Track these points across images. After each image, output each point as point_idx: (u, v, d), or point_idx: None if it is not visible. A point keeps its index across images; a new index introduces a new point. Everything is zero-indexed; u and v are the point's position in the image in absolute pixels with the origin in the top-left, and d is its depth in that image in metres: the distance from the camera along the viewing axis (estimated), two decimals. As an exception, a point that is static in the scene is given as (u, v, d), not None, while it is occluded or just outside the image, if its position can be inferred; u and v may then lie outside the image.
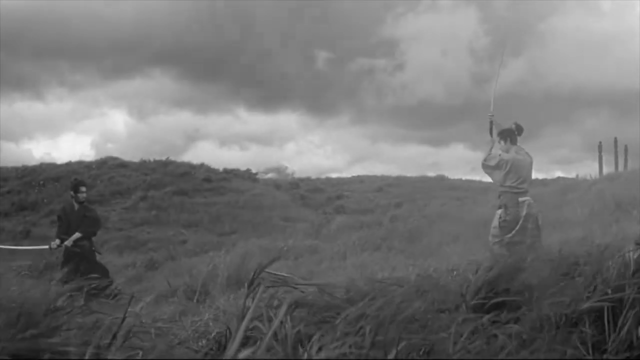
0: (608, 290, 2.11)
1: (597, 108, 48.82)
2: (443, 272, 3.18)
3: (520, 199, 5.89)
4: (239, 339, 1.45)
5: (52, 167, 22.20)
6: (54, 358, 1.58)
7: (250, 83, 52.01)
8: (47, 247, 7.48)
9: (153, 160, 23.00)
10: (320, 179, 27.18)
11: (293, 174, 28.42)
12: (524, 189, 5.98)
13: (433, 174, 26.99)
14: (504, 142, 6.17)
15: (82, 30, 45.09)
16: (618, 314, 2.02)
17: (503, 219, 5.85)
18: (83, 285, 2.46)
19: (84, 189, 7.49)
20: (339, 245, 11.29)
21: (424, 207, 17.46)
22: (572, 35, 45.63)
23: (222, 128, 50.12)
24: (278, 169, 30.64)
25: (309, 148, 49.81)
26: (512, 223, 5.81)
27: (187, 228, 17.26)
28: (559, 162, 50.72)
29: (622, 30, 45.89)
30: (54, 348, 1.60)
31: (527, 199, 5.91)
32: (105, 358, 1.59)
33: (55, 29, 47.02)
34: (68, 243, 7.08)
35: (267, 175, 26.52)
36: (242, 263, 7.05)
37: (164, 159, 23.07)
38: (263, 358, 1.51)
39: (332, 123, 53.35)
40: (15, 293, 2.00)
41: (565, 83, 47.26)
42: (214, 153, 45.01)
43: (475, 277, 2.34)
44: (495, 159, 6.04)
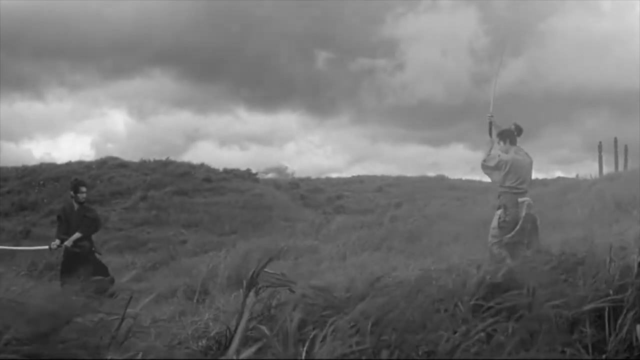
0: (609, 291, 2.11)
1: (597, 108, 48.83)
2: (443, 272, 3.18)
3: (520, 200, 5.89)
4: (239, 339, 1.45)
5: (52, 167, 22.19)
6: (55, 358, 1.58)
7: (250, 83, 52.03)
8: (47, 247, 7.47)
9: (153, 160, 23.00)
10: (320, 179, 27.19)
11: (293, 174, 28.42)
12: (524, 190, 5.98)
13: (433, 174, 27.05)
14: (504, 142, 6.18)
15: (82, 30, 45.11)
16: (618, 315, 2.02)
17: (502, 220, 5.85)
18: (84, 286, 2.46)
19: (84, 189, 7.48)
20: (339, 245, 11.29)
21: (424, 207, 17.46)
22: (572, 35, 45.66)
23: (222, 128, 50.12)
24: (278, 169, 30.63)
25: (309, 148, 49.81)
26: (511, 224, 5.81)
27: (187, 228, 17.25)
28: (559, 162, 50.74)
29: (622, 30, 45.92)
30: (55, 348, 1.60)
31: (526, 200, 5.92)
32: (105, 358, 1.59)
33: (55, 29, 47.05)
34: (68, 243, 7.07)
35: (267, 175, 26.51)
36: (242, 263, 7.05)
37: (164, 159, 23.08)
38: (263, 358, 1.51)
39: (332, 123, 53.34)
40: (16, 293, 2.00)
41: (565, 83, 47.27)
42: (214, 153, 45.02)
43: (475, 277, 2.34)
44: (495, 160, 6.04)
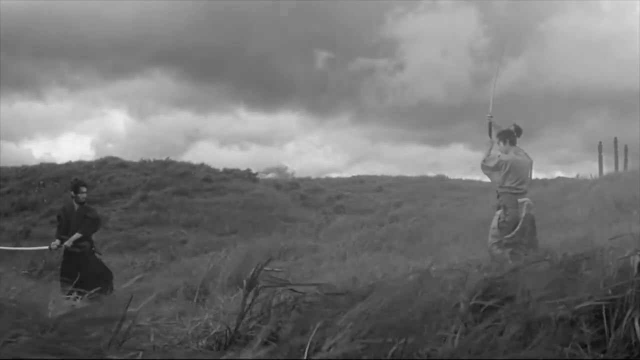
0: (609, 291, 2.11)
1: (597, 108, 48.80)
2: (443, 271, 3.18)
3: (520, 200, 5.89)
4: (239, 339, 1.46)
5: (52, 167, 22.22)
6: (55, 358, 1.58)
7: (250, 83, 51.98)
8: (47, 247, 7.48)
9: (153, 160, 23.03)
10: (320, 179, 27.18)
11: (293, 174, 28.40)
12: (523, 190, 5.99)
13: (433, 174, 27.00)
14: (503, 143, 6.18)
15: (82, 30, 45.10)
16: (618, 314, 2.02)
17: (502, 220, 5.86)
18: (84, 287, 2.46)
19: (84, 189, 7.48)
20: (339, 245, 11.31)
21: (424, 207, 17.48)
22: (572, 35, 45.61)
23: (222, 128, 50.07)
24: (278, 169, 30.60)
25: (309, 148, 49.76)
26: (511, 224, 5.81)
27: (187, 228, 17.27)
28: (559, 162, 50.78)
29: (622, 30, 45.90)
30: (54, 348, 1.60)
31: (526, 200, 5.92)
32: (105, 358, 1.59)
33: (55, 29, 47.03)
34: (68, 243, 7.07)
35: (267, 175, 26.50)
36: (242, 263, 7.06)
37: (164, 159, 23.11)
38: (263, 358, 1.51)
39: (332, 123, 53.25)
40: (16, 293, 2.00)
41: (565, 83, 47.25)
42: (214, 153, 44.98)
43: (475, 276, 2.34)
44: (495, 160, 6.05)
